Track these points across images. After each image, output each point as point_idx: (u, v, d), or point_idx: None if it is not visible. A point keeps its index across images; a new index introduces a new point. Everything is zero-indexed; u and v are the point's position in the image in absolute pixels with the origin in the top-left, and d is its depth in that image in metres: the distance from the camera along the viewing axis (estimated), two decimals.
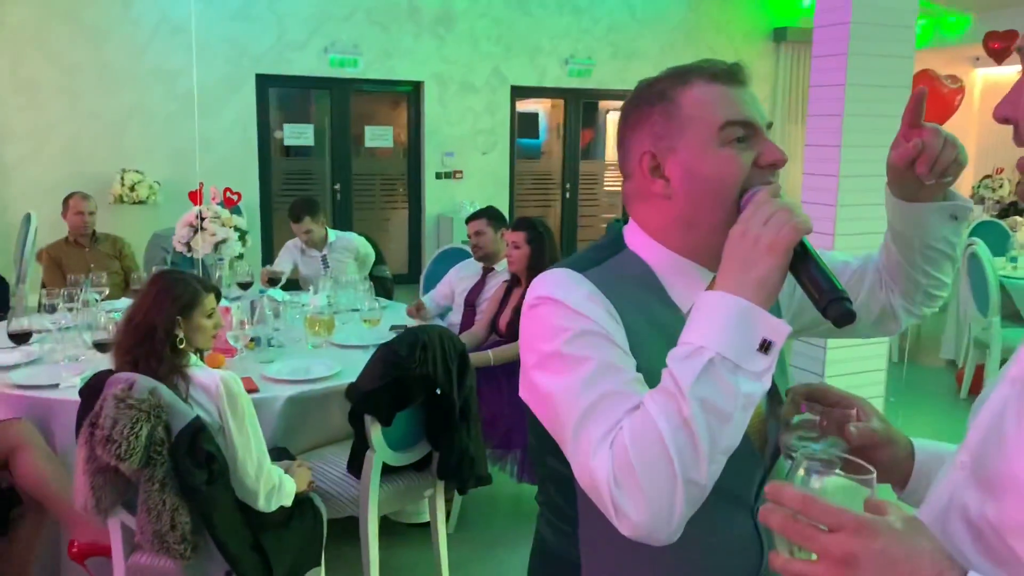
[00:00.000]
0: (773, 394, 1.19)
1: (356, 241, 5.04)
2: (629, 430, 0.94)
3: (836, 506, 0.74)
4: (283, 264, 4.96)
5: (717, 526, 1.13)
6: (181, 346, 2.33)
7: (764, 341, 0.92)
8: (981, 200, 8.90)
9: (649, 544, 0.95)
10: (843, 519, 0.73)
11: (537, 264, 3.64)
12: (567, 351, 1.03)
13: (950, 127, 1.20)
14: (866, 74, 3.85)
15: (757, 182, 1.07)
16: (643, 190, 1.13)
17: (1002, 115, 0.86)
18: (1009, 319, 5.16)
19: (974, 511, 0.79)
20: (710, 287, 1.08)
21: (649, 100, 1.13)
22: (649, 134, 1.12)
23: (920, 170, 1.16)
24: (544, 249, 3.71)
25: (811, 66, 4.08)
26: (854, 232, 3.93)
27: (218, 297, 2.57)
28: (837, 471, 0.80)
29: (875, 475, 0.79)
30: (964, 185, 10.86)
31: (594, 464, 0.95)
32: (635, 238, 1.17)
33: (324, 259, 4.91)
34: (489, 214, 4.21)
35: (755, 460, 1.15)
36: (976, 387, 5.32)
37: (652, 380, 0.99)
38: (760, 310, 0.94)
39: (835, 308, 0.94)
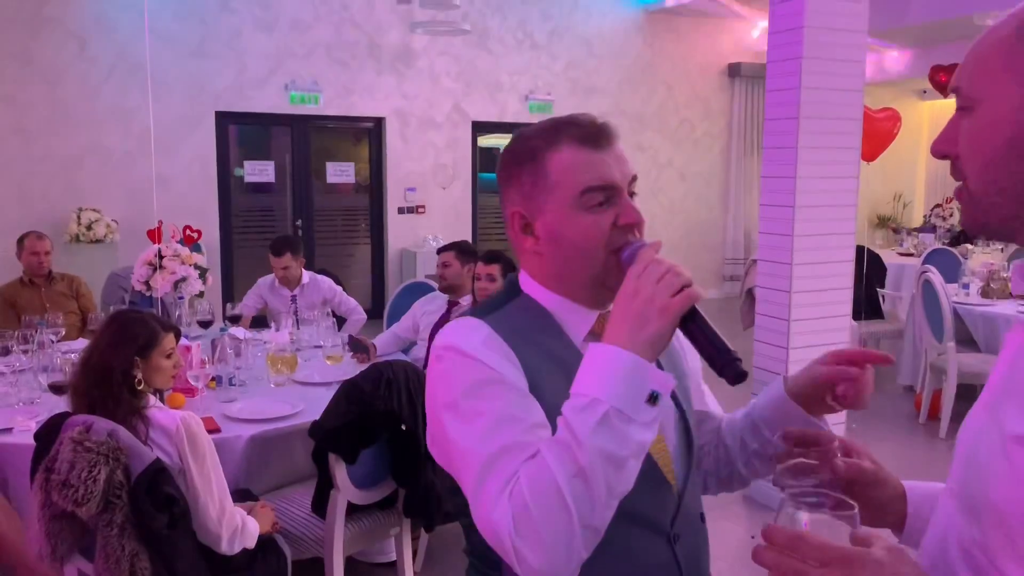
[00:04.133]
0: (684, 427, 1.25)
1: (325, 288, 5.00)
2: (527, 480, 0.98)
3: (823, 542, 0.78)
4: (248, 306, 4.92)
5: (636, 555, 1.16)
6: (139, 387, 2.29)
7: (652, 393, 0.97)
8: (933, 228, 9.12)
9: None
10: (830, 554, 0.77)
11: None
12: (466, 404, 1.07)
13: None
14: (818, 107, 3.95)
15: (619, 241, 1.14)
16: (517, 244, 1.22)
17: (940, 151, 0.89)
18: (963, 344, 5.27)
19: (966, 537, 0.82)
20: (598, 324, 1.18)
21: (520, 159, 1.19)
22: (519, 193, 1.19)
23: (845, 398, 1.18)
24: None
25: (765, 100, 4.18)
26: (809, 261, 4.01)
27: (177, 336, 2.54)
28: (822, 510, 0.83)
29: (857, 509, 0.83)
30: (916, 214, 11.12)
31: (495, 516, 0.99)
32: (527, 283, 1.24)
33: (294, 299, 4.87)
34: (459, 247, 4.26)
35: (666, 488, 1.20)
36: (934, 412, 5.40)
37: (554, 415, 1.02)
38: (650, 365, 0.99)
39: (731, 368, 0.99)
